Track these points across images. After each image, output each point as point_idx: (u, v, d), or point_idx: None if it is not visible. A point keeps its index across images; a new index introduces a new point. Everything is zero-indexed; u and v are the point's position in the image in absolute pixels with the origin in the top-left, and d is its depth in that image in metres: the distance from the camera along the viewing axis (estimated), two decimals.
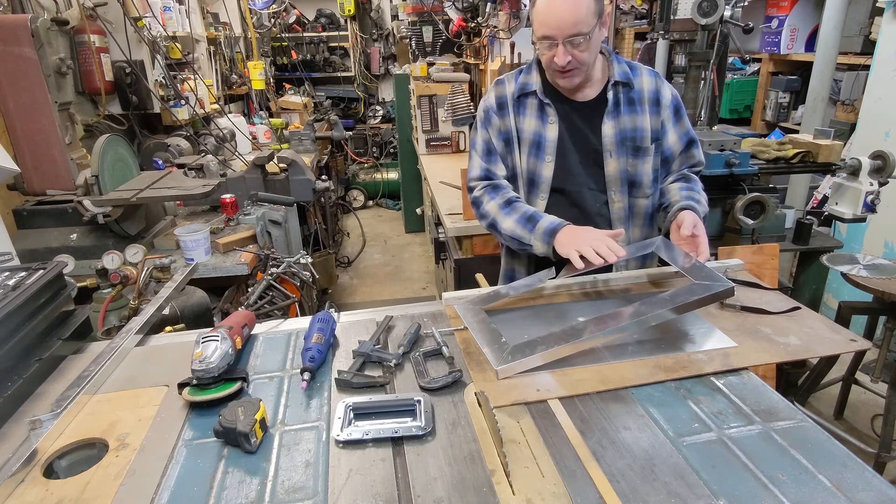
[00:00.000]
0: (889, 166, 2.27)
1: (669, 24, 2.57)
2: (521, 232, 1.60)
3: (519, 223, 1.61)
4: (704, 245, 1.49)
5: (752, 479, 0.91)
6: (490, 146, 1.73)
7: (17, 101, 2.53)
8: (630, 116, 1.64)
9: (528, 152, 1.69)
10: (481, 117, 1.75)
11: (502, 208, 1.65)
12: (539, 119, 1.67)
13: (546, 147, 1.66)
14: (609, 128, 1.64)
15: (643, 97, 1.66)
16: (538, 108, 1.67)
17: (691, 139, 1.73)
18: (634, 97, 1.65)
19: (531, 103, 1.68)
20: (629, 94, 1.65)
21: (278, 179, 3.00)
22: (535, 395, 1.14)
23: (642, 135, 1.65)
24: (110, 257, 1.95)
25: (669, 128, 1.69)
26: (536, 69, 1.69)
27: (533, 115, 1.68)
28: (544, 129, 1.66)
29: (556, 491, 0.90)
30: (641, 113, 1.65)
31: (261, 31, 6.14)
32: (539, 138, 1.67)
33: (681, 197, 1.65)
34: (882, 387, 2.23)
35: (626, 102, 1.64)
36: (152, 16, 3.32)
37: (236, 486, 0.95)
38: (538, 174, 1.69)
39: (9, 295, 1.24)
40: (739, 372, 1.20)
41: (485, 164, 1.73)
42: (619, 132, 1.64)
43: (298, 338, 1.39)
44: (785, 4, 4.09)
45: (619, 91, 1.64)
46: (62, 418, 1.10)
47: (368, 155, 7.48)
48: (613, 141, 1.64)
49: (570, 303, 1.53)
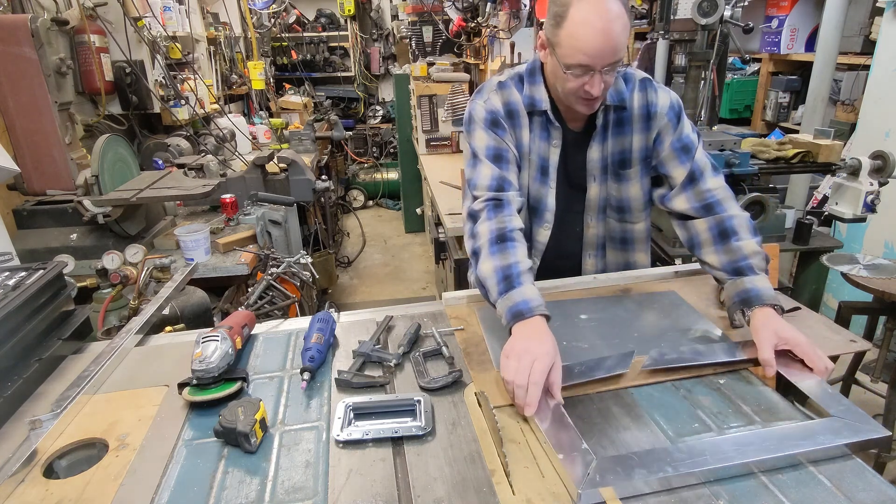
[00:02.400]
0: (889, 166, 2.27)
1: (669, 24, 2.57)
2: (491, 284, 1.26)
3: (496, 274, 1.26)
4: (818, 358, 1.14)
5: (752, 478, 0.91)
6: (501, 153, 1.45)
7: (17, 101, 2.53)
8: (618, 139, 1.51)
9: (534, 176, 1.54)
10: (485, 119, 1.48)
11: (492, 243, 1.31)
12: (545, 141, 1.51)
13: (550, 172, 1.53)
14: (595, 151, 1.52)
15: (632, 115, 1.50)
16: (543, 127, 1.51)
17: (685, 145, 1.48)
18: (624, 118, 1.50)
19: (537, 120, 1.51)
20: (620, 114, 1.50)
21: (278, 179, 3.00)
22: None
23: (629, 156, 1.52)
24: (110, 257, 1.95)
25: (667, 134, 1.49)
26: (543, 83, 1.49)
27: (537, 134, 1.51)
28: (549, 152, 1.52)
29: (556, 491, 0.90)
30: (630, 133, 1.51)
31: (261, 31, 6.15)
32: (544, 162, 1.52)
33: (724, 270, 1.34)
34: (882, 387, 2.23)
35: (615, 123, 1.51)
36: (152, 16, 3.32)
37: (236, 486, 0.95)
38: (543, 202, 1.55)
39: (9, 295, 1.24)
40: (739, 372, 1.20)
41: (497, 171, 1.42)
42: (604, 157, 1.53)
43: (298, 338, 1.39)
44: (785, 4, 4.09)
45: (610, 114, 1.50)
46: (62, 418, 1.10)
47: (368, 155, 7.48)
48: (598, 166, 1.53)
49: (575, 301, 1.51)
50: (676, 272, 1.66)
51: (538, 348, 1.09)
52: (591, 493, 0.88)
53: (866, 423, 0.99)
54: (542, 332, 1.14)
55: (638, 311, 1.46)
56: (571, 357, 1.23)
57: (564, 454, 0.94)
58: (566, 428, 1.00)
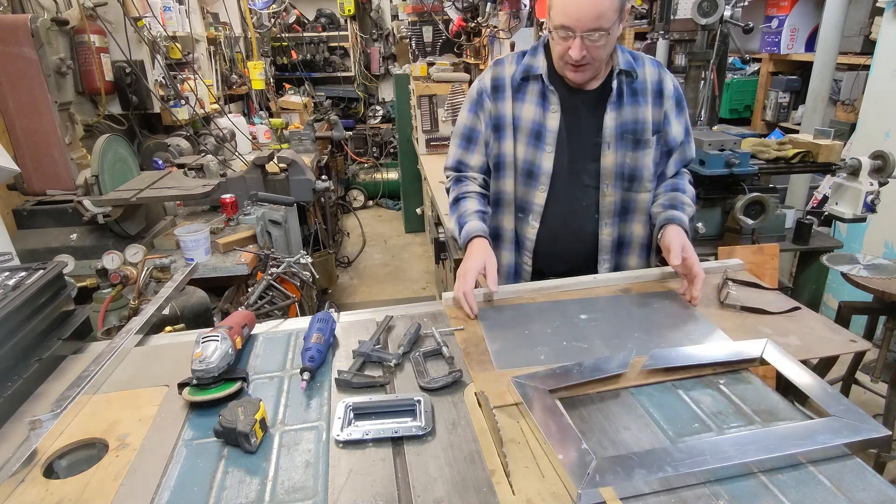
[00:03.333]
0: (889, 166, 2.27)
1: (669, 24, 2.57)
2: (456, 234, 1.63)
3: (455, 224, 1.63)
4: (697, 266, 1.45)
5: (752, 478, 0.91)
6: (473, 133, 1.69)
7: (17, 101, 2.53)
8: (633, 108, 1.59)
9: (527, 141, 1.62)
10: (472, 98, 1.68)
11: (451, 205, 1.69)
12: (540, 107, 1.60)
13: (546, 137, 1.60)
14: (611, 119, 1.58)
15: (646, 88, 1.61)
16: (540, 94, 1.60)
17: (689, 132, 1.70)
18: (637, 87, 1.60)
19: (532, 89, 1.61)
20: (632, 84, 1.59)
21: (278, 179, 3.00)
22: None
23: (644, 127, 1.60)
24: (110, 257, 1.95)
25: (673, 119, 1.65)
26: (543, 52, 1.61)
27: (533, 101, 1.61)
28: (545, 117, 1.60)
29: (556, 491, 0.90)
30: (644, 104, 1.60)
31: (261, 31, 6.14)
32: (538, 127, 1.61)
33: (663, 206, 1.62)
34: (882, 387, 2.23)
35: (629, 93, 1.59)
36: (152, 16, 3.32)
37: (236, 486, 0.95)
38: (537, 165, 1.62)
39: (9, 295, 1.24)
40: (739, 372, 1.20)
41: (460, 152, 1.72)
42: (621, 124, 1.59)
43: (298, 338, 1.39)
44: (785, 4, 4.09)
45: (623, 81, 1.58)
46: (62, 418, 1.10)
47: (368, 155, 7.48)
48: (614, 133, 1.59)
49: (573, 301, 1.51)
50: (676, 272, 1.66)
51: (467, 264, 1.47)
52: (591, 493, 0.87)
53: (866, 423, 0.99)
54: (473, 252, 1.50)
55: (638, 311, 1.46)
56: (571, 357, 1.23)
57: (564, 454, 0.94)
58: (566, 428, 1.00)
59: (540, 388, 1.11)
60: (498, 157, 1.68)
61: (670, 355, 1.21)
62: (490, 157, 1.70)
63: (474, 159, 1.71)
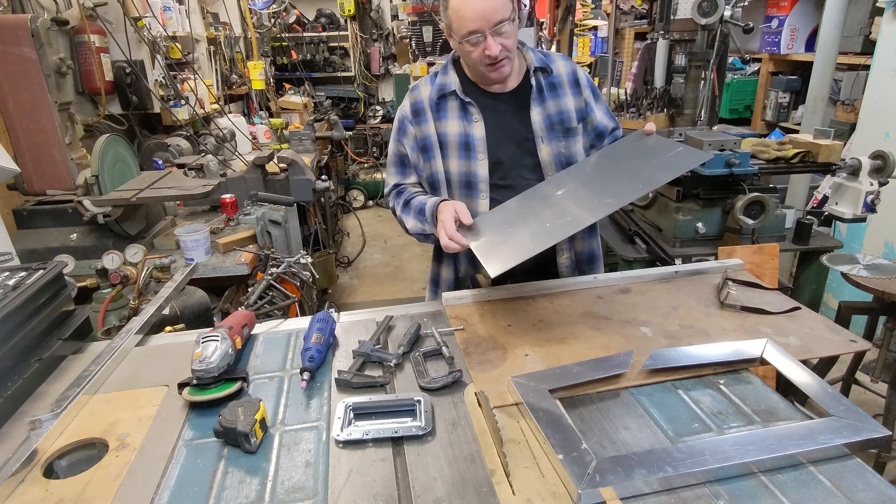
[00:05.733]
0: (889, 166, 2.27)
1: (669, 24, 2.57)
2: (421, 226, 1.62)
3: (416, 219, 1.63)
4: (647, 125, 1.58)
5: (752, 478, 0.91)
6: (403, 158, 1.74)
7: (17, 101, 2.53)
8: (554, 101, 1.66)
9: (458, 154, 1.67)
10: (396, 127, 1.75)
11: (403, 210, 1.69)
12: (462, 119, 1.65)
13: (476, 146, 1.64)
14: (537, 114, 1.64)
15: (563, 80, 1.68)
16: (460, 108, 1.66)
17: (612, 116, 1.78)
18: (555, 81, 1.67)
19: (452, 105, 1.66)
20: (549, 79, 1.67)
21: (278, 179, 3.00)
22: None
23: (569, 115, 1.66)
24: (110, 257, 1.95)
25: (594, 106, 1.72)
26: (453, 69, 1.68)
27: (455, 116, 1.66)
28: (470, 128, 1.65)
29: (556, 491, 0.90)
30: (564, 95, 1.67)
31: (261, 31, 6.14)
32: (466, 139, 1.65)
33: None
34: (882, 387, 2.23)
35: (548, 88, 1.66)
36: (152, 16, 3.31)
37: (236, 486, 0.95)
38: (473, 174, 1.66)
39: (9, 295, 1.24)
40: (739, 372, 1.20)
41: (397, 177, 1.77)
42: (547, 117, 1.65)
43: (298, 338, 1.39)
44: (785, 4, 4.09)
45: (540, 77, 1.66)
46: (62, 418, 1.10)
47: (368, 155, 7.47)
48: (543, 126, 1.64)
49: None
50: (676, 272, 1.66)
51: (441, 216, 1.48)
52: (591, 493, 0.88)
53: (866, 423, 0.99)
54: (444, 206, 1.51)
55: (610, 165, 1.52)
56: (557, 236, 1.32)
57: (564, 454, 0.94)
58: (566, 428, 1.00)
59: (540, 388, 1.11)
60: (431, 176, 1.71)
61: (670, 355, 1.21)
62: (423, 179, 1.75)
63: (410, 180, 1.76)
